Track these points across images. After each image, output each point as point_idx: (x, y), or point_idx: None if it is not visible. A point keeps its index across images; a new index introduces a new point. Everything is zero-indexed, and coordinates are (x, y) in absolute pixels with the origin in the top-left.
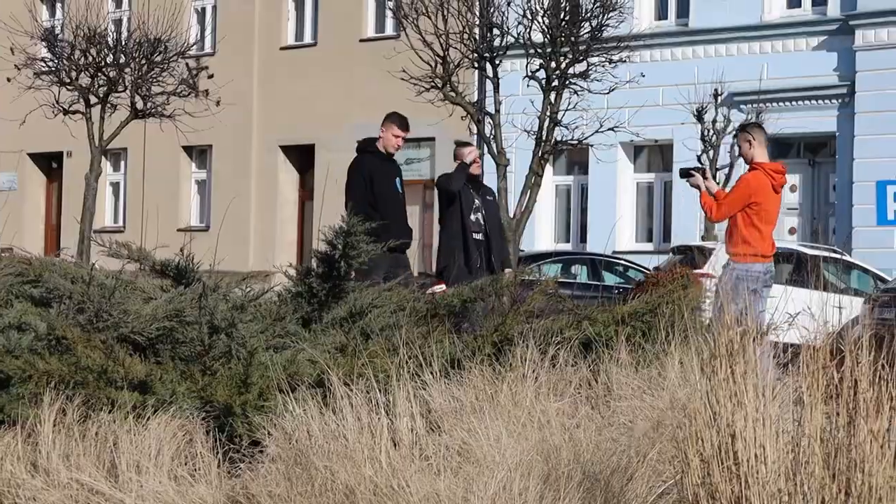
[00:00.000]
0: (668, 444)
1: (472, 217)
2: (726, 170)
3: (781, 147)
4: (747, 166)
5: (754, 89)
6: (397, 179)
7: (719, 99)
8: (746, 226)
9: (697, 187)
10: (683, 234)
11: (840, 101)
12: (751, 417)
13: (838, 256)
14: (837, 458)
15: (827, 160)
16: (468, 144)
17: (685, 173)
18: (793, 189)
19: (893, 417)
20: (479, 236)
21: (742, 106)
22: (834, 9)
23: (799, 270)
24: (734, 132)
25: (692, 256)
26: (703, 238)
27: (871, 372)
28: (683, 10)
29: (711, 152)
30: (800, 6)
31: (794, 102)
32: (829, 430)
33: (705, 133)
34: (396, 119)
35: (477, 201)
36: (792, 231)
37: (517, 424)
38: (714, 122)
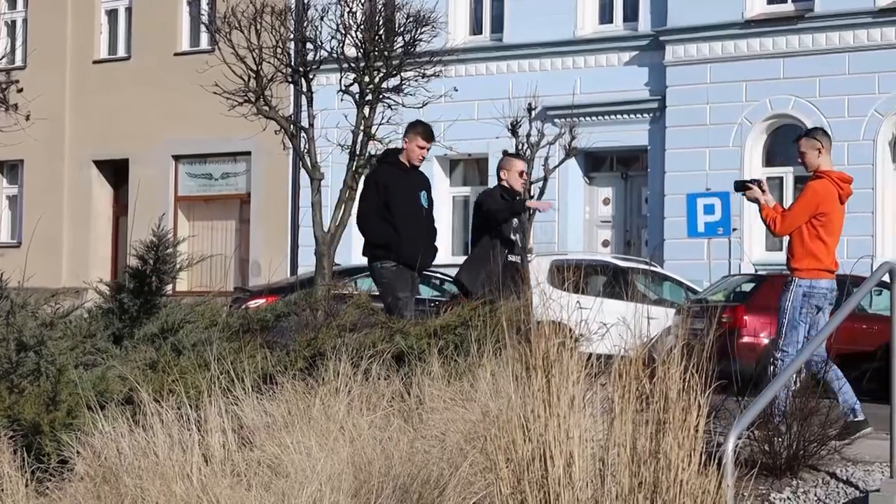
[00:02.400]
0: (481, 456)
1: (514, 237)
2: (540, 183)
3: (594, 160)
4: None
5: (567, 103)
6: (422, 193)
7: (533, 113)
8: (812, 238)
9: (756, 201)
10: None
11: (651, 115)
12: (562, 427)
13: (651, 268)
14: (645, 465)
15: (639, 173)
16: (520, 156)
17: (741, 186)
18: (605, 202)
19: (701, 426)
20: (514, 258)
21: (556, 120)
22: (645, 25)
23: (612, 282)
24: (547, 145)
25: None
26: None
27: (681, 381)
28: (498, 26)
29: (526, 166)
30: (612, 22)
31: (606, 116)
32: (638, 438)
33: (520, 147)
34: (421, 129)
35: (516, 220)
36: (605, 243)
37: (329, 438)
38: (528, 135)
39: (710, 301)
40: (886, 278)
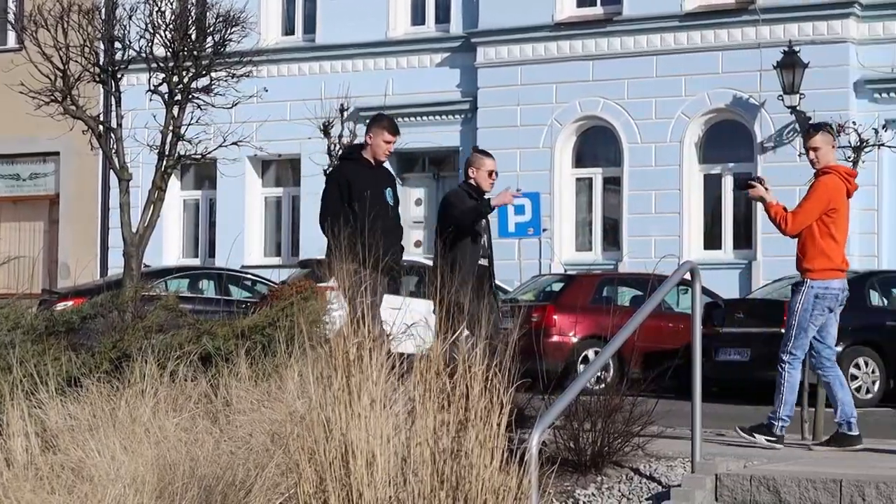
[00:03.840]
0: (286, 456)
1: (481, 241)
2: None
3: (407, 161)
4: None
5: (380, 104)
6: (388, 190)
7: (346, 114)
8: (823, 236)
9: (760, 199)
10: (310, 248)
11: (463, 116)
12: (364, 427)
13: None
14: (447, 464)
15: (451, 174)
16: (488, 155)
17: (743, 185)
18: (418, 202)
19: (503, 424)
20: (484, 262)
21: (368, 121)
22: (456, 26)
23: (421, 283)
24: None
25: (319, 270)
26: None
27: (484, 380)
28: (310, 26)
29: None
30: (424, 23)
31: (418, 117)
32: (440, 436)
33: (332, 148)
34: (386, 122)
35: (484, 222)
36: (417, 244)
37: (134, 441)
38: (340, 136)
39: (519, 300)
40: (688, 277)
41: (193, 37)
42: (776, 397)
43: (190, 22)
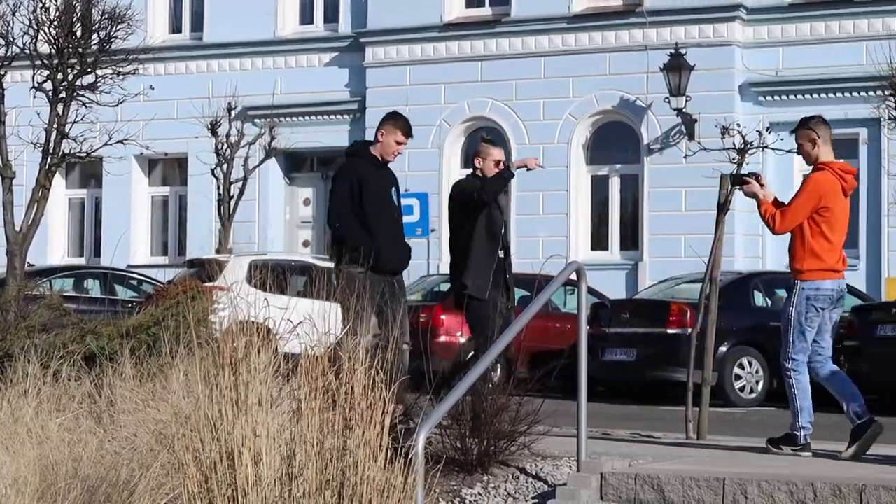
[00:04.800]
0: (171, 456)
1: (498, 231)
2: (240, 183)
3: (295, 161)
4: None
5: (268, 104)
6: (393, 190)
7: (233, 113)
8: (814, 235)
9: (754, 195)
10: (198, 248)
11: (351, 116)
12: (250, 426)
13: None
14: (333, 463)
15: None
16: (494, 144)
17: (738, 180)
18: (306, 202)
19: (387, 422)
20: (500, 253)
21: (256, 120)
22: (345, 26)
23: (311, 282)
24: (247, 145)
25: (205, 269)
26: (217, 251)
27: (367, 378)
28: (198, 24)
29: (225, 166)
30: (312, 23)
31: (306, 117)
32: (325, 436)
33: (219, 147)
34: (402, 123)
35: (500, 214)
36: (306, 244)
37: (16, 441)
38: (228, 135)
39: (407, 301)
40: (574, 277)
41: (79, 33)
42: (791, 407)
43: (75, 18)
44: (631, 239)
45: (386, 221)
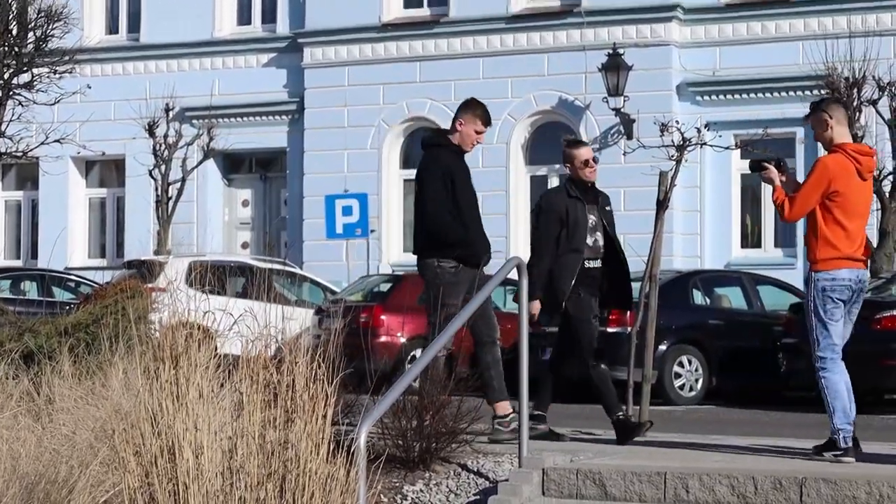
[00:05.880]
0: (112, 453)
1: (590, 240)
2: (178, 184)
3: (233, 162)
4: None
5: (206, 104)
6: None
7: (171, 114)
8: (828, 223)
9: (771, 181)
10: (136, 249)
11: (290, 117)
12: (191, 419)
13: (290, 269)
14: (274, 456)
15: (278, 175)
16: (582, 144)
17: (757, 166)
18: (245, 204)
19: (329, 415)
20: (595, 263)
21: (194, 121)
22: (283, 26)
23: (250, 283)
24: (185, 146)
25: (144, 270)
26: (155, 252)
27: (309, 372)
28: (135, 25)
29: (163, 167)
30: (250, 23)
31: (245, 118)
32: (267, 429)
33: (157, 148)
34: (480, 111)
35: (593, 218)
36: (245, 245)
37: None
38: (166, 136)
39: (347, 301)
40: (514, 274)
41: (14, 31)
42: (826, 409)
43: (11, 17)
44: None
45: (476, 213)
